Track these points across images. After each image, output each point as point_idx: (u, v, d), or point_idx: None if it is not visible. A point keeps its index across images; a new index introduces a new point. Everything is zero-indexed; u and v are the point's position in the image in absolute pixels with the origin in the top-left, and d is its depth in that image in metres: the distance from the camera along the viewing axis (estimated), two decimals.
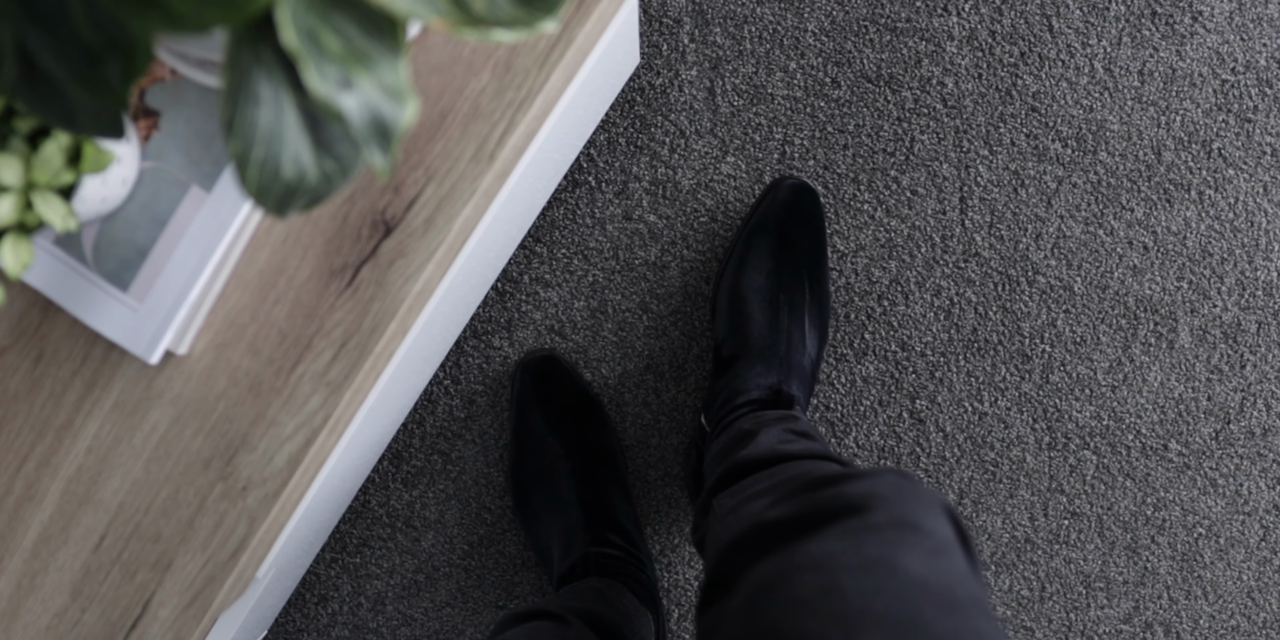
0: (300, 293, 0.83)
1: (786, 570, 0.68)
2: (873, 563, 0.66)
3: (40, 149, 0.66)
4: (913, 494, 0.74)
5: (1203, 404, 1.29)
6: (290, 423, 0.84)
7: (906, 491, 0.75)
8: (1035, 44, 1.25)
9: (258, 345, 0.84)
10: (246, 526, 0.86)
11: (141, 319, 0.82)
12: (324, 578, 1.39)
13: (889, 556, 0.67)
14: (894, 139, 1.27)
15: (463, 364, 1.33)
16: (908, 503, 0.73)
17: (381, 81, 0.52)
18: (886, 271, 1.28)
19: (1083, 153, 1.26)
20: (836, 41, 1.26)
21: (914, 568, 0.66)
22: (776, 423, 1.09)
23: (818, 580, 0.66)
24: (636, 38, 1.19)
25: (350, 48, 0.52)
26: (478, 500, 1.36)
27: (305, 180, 0.58)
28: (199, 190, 0.80)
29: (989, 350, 1.29)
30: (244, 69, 0.53)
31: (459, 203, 0.80)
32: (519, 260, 1.30)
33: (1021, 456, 1.31)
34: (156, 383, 0.86)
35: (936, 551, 0.69)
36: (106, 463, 0.87)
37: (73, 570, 0.89)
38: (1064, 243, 1.27)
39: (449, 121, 0.80)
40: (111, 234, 0.81)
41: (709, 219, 1.28)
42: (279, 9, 0.48)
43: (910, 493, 0.74)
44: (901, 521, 0.70)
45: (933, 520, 0.72)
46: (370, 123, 0.51)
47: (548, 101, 0.81)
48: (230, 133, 0.54)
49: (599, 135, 1.28)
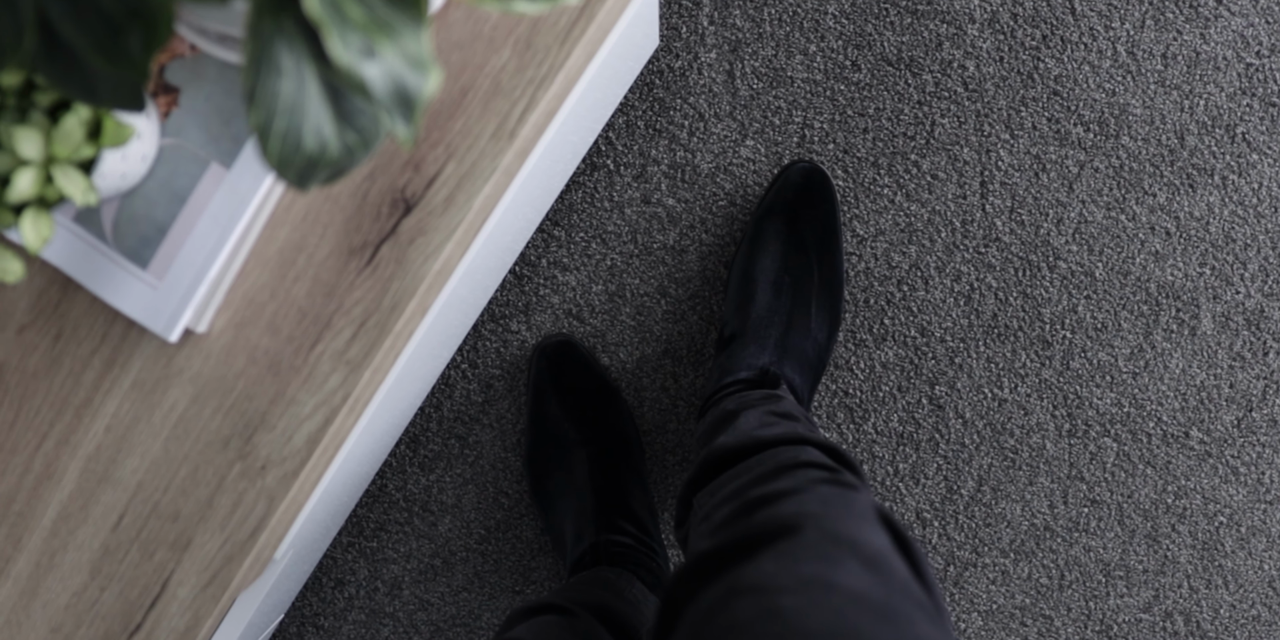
0: (320, 271, 0.83)
1: (725, 597, 0.69)
2: (808, 582, 0.67)
3: (60, 123, 0.66)
4: (845, 506, 0.75)
5: (1225, 391, 1.28)
6: (309, 402, 0.84)
7: (838, 504, 0.75)
8: (1057, 27, 1.24)
9: (277, 323, 0.84)
10: (265, 506, 0.86)
11: (161, 297, 0.82)
12: (341, 562, 1.39)
13: (823, 574, 0.67)
14: (914, 123, 1.26)
15: (480, 348, 1.33)
16: (840, 516, 0.73)
17: (405, 51, 0.52)
18: (906, 256, 1.28)
19: (1105, 137, 1.25)
20: (857, 24, 1.25)
21: (850, 582, 0.66)
22: (759, 404, 1.09)
23: (755, 604, 0.66)
24: (656, 20, 1.19)
25: (373, 16, 0.51)
26: (495, 485, 1.36)
27: (327, 152, 0.57)
28: (218, 167, 0.80)
29: (1009, 336, 1.29)
30: (266, 39, 0.53)
31: (479, 181, 0.80)
32: (537, 244, 1.30)
33: (1041, 443, 1.30)
34: (176, 361, 0.86)
35: (872, 563, 0.69)
36: (125, 441, 0.87)
37: (92, 549, 0.89)
38: (1085, 228, 1.27)
39: (469, 99, 0.80)
40: (131, 211, 0.81)
41: (728, 203, 1.28)
42: None
43: (842, 505, 0.75)
44: (835, 536, 0.71)
45: (867, 532, 0.72)
46: (393, 92, 0.51)
47: (568, 79, 0.81)
48: (252, 103, 0.54)
49: (617, 118, 1.28)
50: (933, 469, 1.31)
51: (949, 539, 1.33)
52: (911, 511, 1.32)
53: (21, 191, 0.66)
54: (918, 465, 1.31)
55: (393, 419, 1.24)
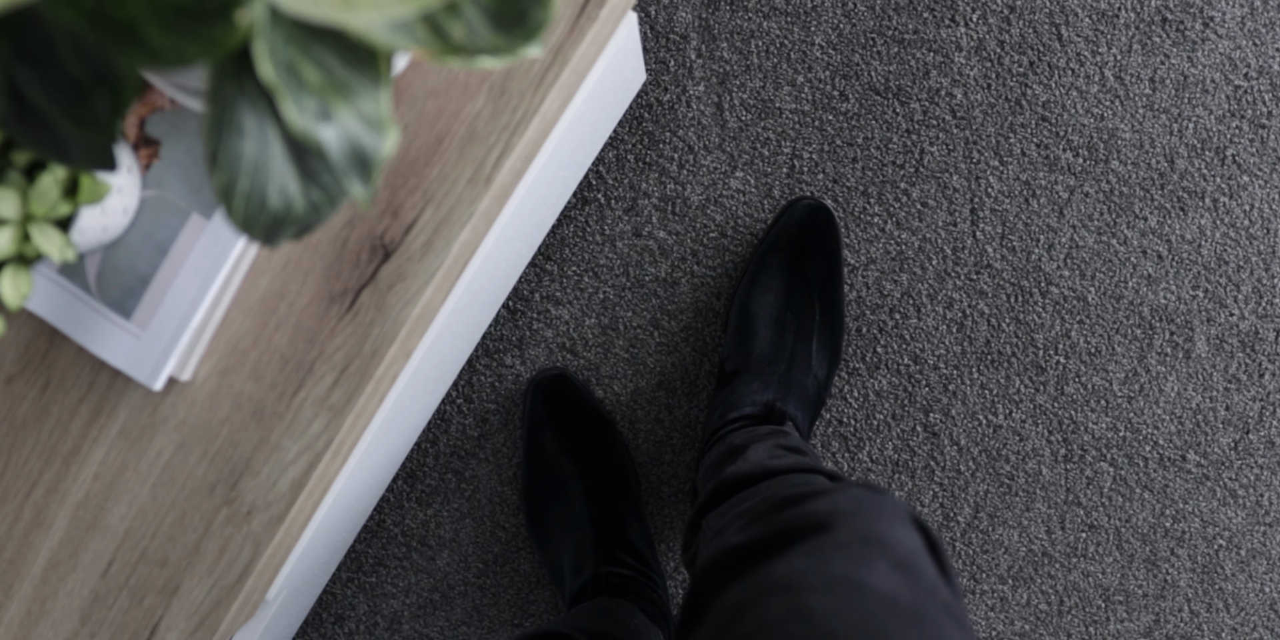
0: (301, 317, 0.84)
1: (754, 595, 0.69)
2: (838, 582, 0.67)
3: (37, 182, 0.67)
4: (877, 507, 0.75)
5: (1221, 414, 1.28)
6: (293, 447, 0.85)
7: (871, 505, 0.75)
8: (1044, 53, 1.25)
9: (260, 370, 0.85)
10: (252, 550, 0.87)
11: (145, 346, 0.83)
12: (340, 597, 1.40)
13: (854, 574, 0.67)
14: (903, 151, 1.27)
15: (475, 382, 1.34)
16: (872, 516, 0.74)
17: (361, 112, 0.53)
18: (898, 284, 1.28)
19: (1094, 162, 1.26)
20: (844, 54, 1.26)
21: (880, 584, 0.67)
22: (767, 438, 1.10)
23: (785, 603, 0.67)
24: (640, 54, 1.20)
25: (330, 79, 0.52)
26: (492, 519, 1.36)
27: (292, 210, 0.58)
28: (199, 218, 0.81)
29: (1003, 362, 1.29)
30: (226, 100, 0.54)
31: (457, 226, 0.81)
32: (529, 278, 1.31)
33: (1037, 469, 1.30)
34: (161, 409, 0.87)
35: (903, 564, 0.69)
36: (113, 489, 0.88)
37: (81, 595, 0.90)
38: (1077, 253, 1.27)
39: (445, 145, 0.81)
40: (114, 262, 0.82)
41: (719, 234, 1.29)
42: (256, 43, 0.49)
43: (875, 505, 0.75)
44: (866, 536, 0.71)
45: (899, 531, 0.72)
46: (350, 154, 0.52)
47: (544, 124, 0.82)
48: (214, 165, 0.55)
49: (607, 152, 1.29)
50: (929, 496, 1.32)
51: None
52: None
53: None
54: (914, 493, 1.32)
55: (388, 454, 1.25)
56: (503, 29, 0.53)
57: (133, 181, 0.79)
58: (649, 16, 1.27)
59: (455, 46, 0.53)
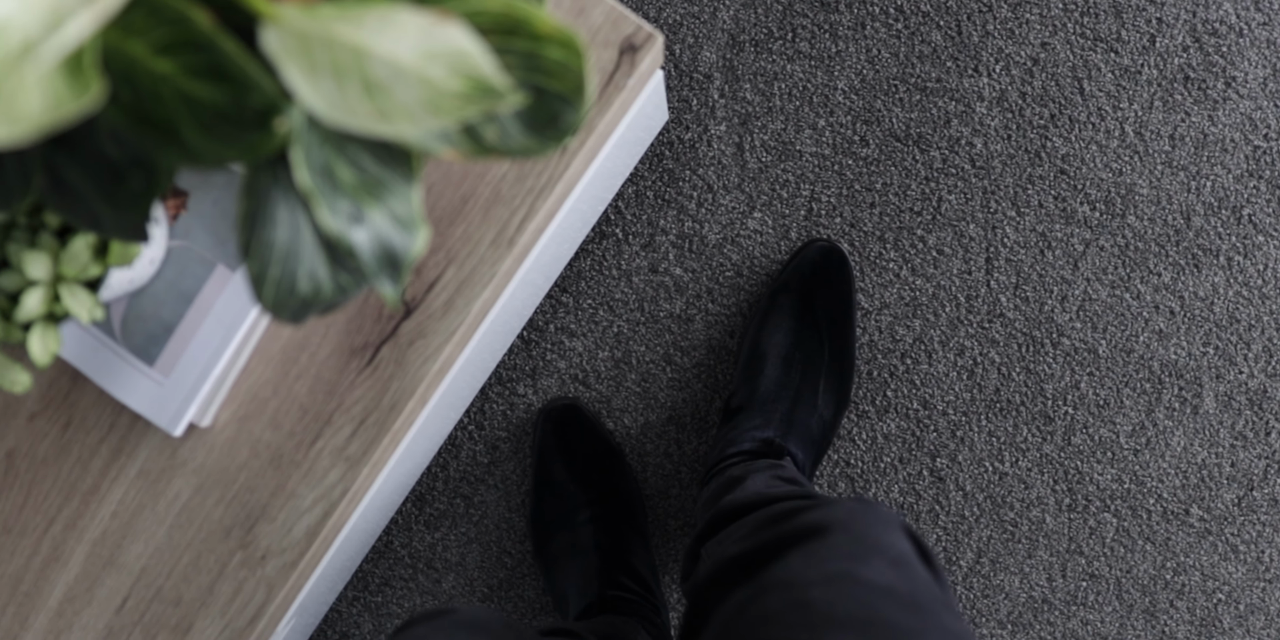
0: (321, 369, 0.85)
1: (755, 593, 0.72)
2: (835, 576, 0.69)
3: (69, 245, 0.68)
4: (870, 515, 0.77)
5: (1226, 470, 1.29)
6: (309, 495, 0.86)
7: (863, 514, 0.77)
8: (1066, 106, 1.25)
9: (279, 419, 0.86)
10: (265, 594, 0.88)
11: (167, 393, 0.84)
12: (345, 615, 1.41)
13: (851, 570, 0.70)
14: (921, 198, 1.27)
15: (487, 410, 1.34)
16: (865, 523, 0.76)
17: (393, 211, 0.53)
18: (910, 330, 1.29)
19: (1111, 216, 1.26)
20: (866, 100, 1.26)
21: (876, 577, 0.69)
22: (765, 470, 1.11)
23: (784, 597, 0.69)
24: (664, 95, 1.20)
25: (364, 178, 0.53)
26: (499, 544, 1.37)
27: (320, 294, 0.59)
28: (224, 269, 0.82)
29: (1011, 411, 1.29)
30: (261, 193, 0.55)
31: (478, 286, 0.82)
32: (545, 309, 1.32)
33: (1041, 517, 1.31)
34: (180, 452, 0.87)
35: (897, 563, 0.72)
36: (130, 528, 0.89)
37: (96, 630, 0.91)
38: (1090, 305, 1.27)
39: (470, 206, 0.81)
40: (139, 310, 0.83)
41: (734, 274, 1.29)
42: (293, 150, 0.49)
43: (868, 515, 0.77)
44: (861, 538, 0.73)
45: (891, 536, 0.74)
46: (380, 255, 0.52)
47: (568, 186, 0.82)
48: (248, 254, 0.55)
49: (627, 188, 1.29)
50: (932, 540, 1.32)
51: None
52: None
53: (29, 311, 0.68)
54: None
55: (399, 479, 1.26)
56: (535, 132, 0.53)
57: (160, 232, 0.80)
58: (673, 55, 1.27)
59: (488, 148, 0.53)
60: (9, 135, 0.40)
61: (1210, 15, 1.23)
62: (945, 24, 1.25)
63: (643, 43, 0.79)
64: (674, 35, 1.27)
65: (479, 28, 0.51)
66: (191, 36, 0.48)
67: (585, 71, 0.52)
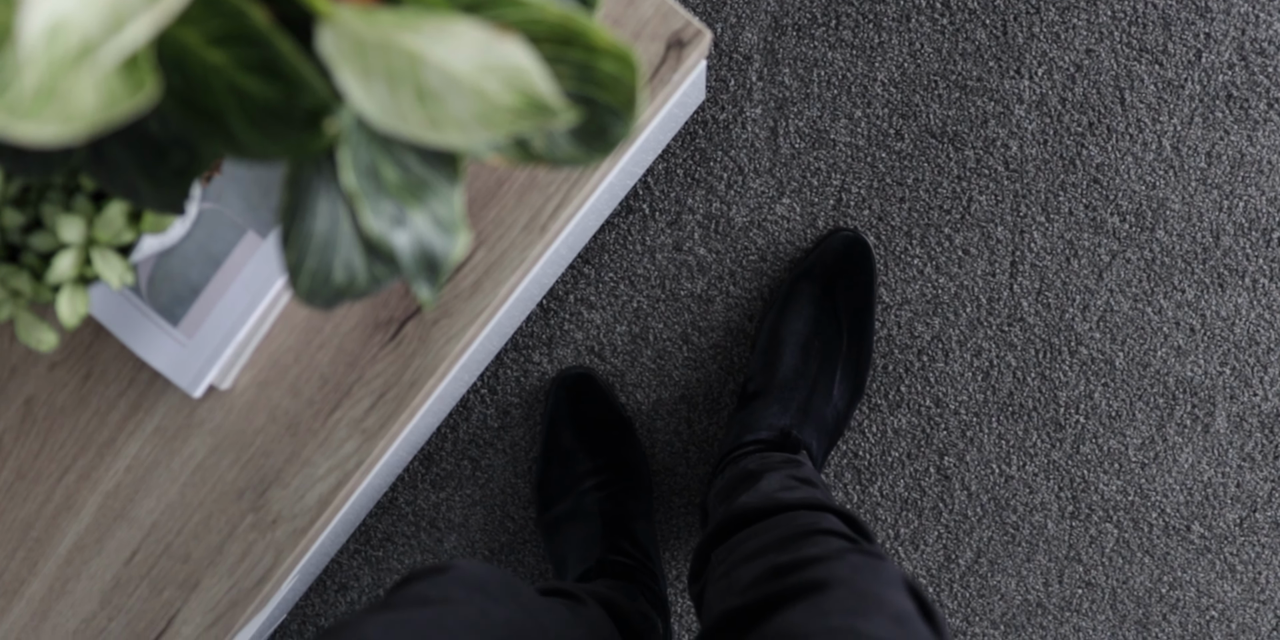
0: (344, 341, 0.85)
1: None
2: (837, 630, 0.69)
3: (104, 210, 0.68)
4: (873, 572, 0.77)
5: (1231, 490, 1.29)
6: (324, 464, 0.86)
7: (867, 570, 0.77)
8: (1105, 115, 1.24)
9: (299, 387, 0.86)
10: (273, 558, 0.89)
11: (189, 354, 0.84)
12: (346, 567, 1.42)
13: (853, 624, 0.70)
14: (952, 196, 1.26)
15: (501, 375, 1.35)
16: (868, 580, 0.76)
17: (435, 214, 0.53)
18: (929, 327, 1.29)
19: (1140, 229, 1.25)
20: (905, 94, 1.25)
21: (878, 633, 0.69)
22: (781, 467, 1.11)
23: None
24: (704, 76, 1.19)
25: (408, 178, 0.53)
26: (502, 509, 1.38)
27: (355, 284, 0.59)
28: (254, 236, 0.82)
29: (1023, 415, 1.29)
30: (304, 185, 0.54)
31: (507, 270, 0.81)
32: (566, 279, 1.31)
33: (1043, 522, 1.31)
34: (198, 412, 0.88)
35: (899, 620, 0.71)
36: (144, 483, 0.90)
37: (103, 580, 0.91)
38: (1111, 317, 1.27)
39: (505, 190, 0.81)
40: (167, 269, 0.83)
41: (758, 258, 1.29)
42: (341, 152, 0.49)
43: (871, 571, 0.77)
44: (863, 594, 0.73)
45: (893, 593, 0.74)
46: (420, 258, 0.52)
47: (604, 174, 0.82)
48: (286, 244, 0.55)
49: (658, 164, 1.29)
50: (933, 537, 1.33)
51: (941, 606, 1.34)
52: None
53: (61, 274, 0.68)
54: (919, 531, 1.33)
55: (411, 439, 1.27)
56: (583, 143, 0.53)
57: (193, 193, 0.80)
58: (714, 33, 1.26)
59: (534, 156, 0.53)
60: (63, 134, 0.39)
61: (1260, 34, 1.21)
62: (991, 23, 1.23)
63: (690, 38, 0.78)
64: (716, 14, 1.26)
65: (535, 36, 0.50)
66: (246, 30, 0.48)
67: (638, 86, 0.51)
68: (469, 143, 0.49)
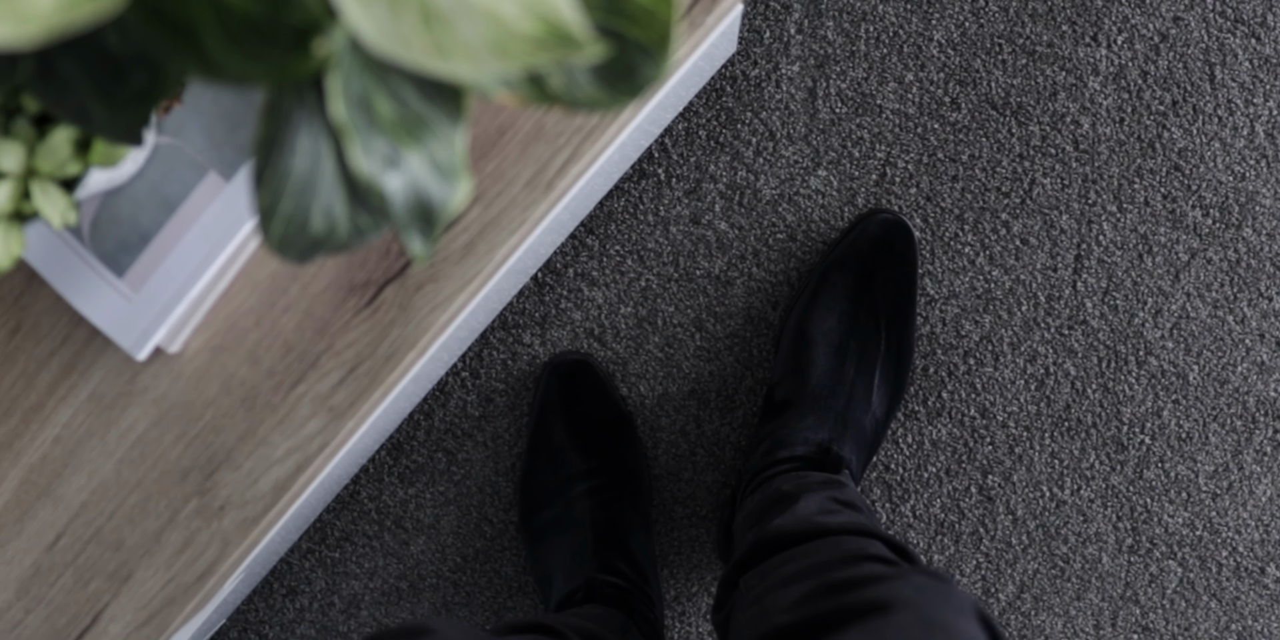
0: (313, 304, 0.84)
1: None
2: None
3: (48, 137, 0.67)
4: (941, 596, 0.77)
5: None
6: (282, 445, 0.86)
7: (934, 593, 0.77)
8: (1191, 93, 1.23)
9: (258, 355, 0.86)
10: (218, 551, 0.88)
11: (135, 309, 0.84)
12: (296, 569, 1.42)
13: None
14: (1012, 178, 1.26)
15: (485, 357, 1.34)
16: (935, 605, 0.76)
17: (433, 156, 0.53)
18: (979, 326, 1.28)
19: (1225, 225, 1.25)
20: (964, 57, 1.25)
21: None
22: (820, 488, 1.10)
23: None
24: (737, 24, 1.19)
25: (405, 113, 0.52)
26: (479, 510, 1.38)
27: (335, 234, 0.59)
28: (216, 177, 0.81)
29: (1080, 432, 1.29)
30: (283, 117, 0.54)
31: (504, 231, 0.81)
32: (566, 250, 1.31)
33: (1097, 556, 1.31)
34: (141, 378, 0.87)
35: None
36: (74, 456, 0.89)
37: (21, 566, 0.91)
38: (1186, 324, 1.27)
39: (507, 139, 0.80)
40: (114, 211, 0.83)
41: (787, 237, 1.28)
42: (330, 77, 0.49)
43: (938, 595, 0.77)
44: (929, 621, 0.73)
45: (963, 622, 0.74)
46: (414, 205, 0.52)
47: (620, 128, 0.82)
48: (259, 184, 0.55)
49: (678, 123, 1.28)
50: (971, 566, 1.33)
51: None
52: None
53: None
54: (955, 559, 1.33)
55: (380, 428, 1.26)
56: (607, 84, 0.53)
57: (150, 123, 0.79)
58: None
59: (550, 97, 0.52)
60: (15, 36, 0.39)
61: None
62: None
63: None
64: None
65: None
66: None
67: (672, 21, 0.51)
68: (478, 75, 0.48)
